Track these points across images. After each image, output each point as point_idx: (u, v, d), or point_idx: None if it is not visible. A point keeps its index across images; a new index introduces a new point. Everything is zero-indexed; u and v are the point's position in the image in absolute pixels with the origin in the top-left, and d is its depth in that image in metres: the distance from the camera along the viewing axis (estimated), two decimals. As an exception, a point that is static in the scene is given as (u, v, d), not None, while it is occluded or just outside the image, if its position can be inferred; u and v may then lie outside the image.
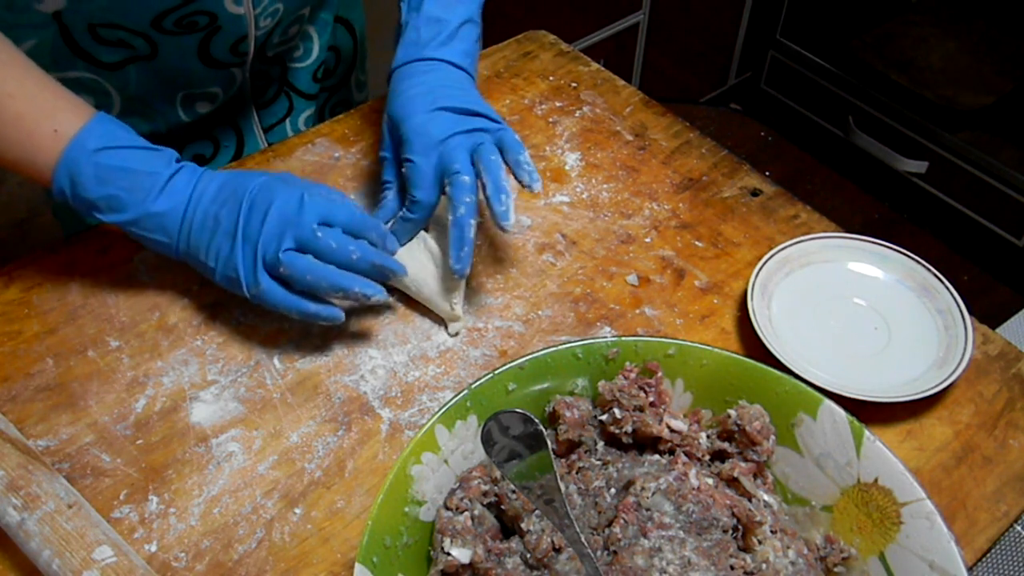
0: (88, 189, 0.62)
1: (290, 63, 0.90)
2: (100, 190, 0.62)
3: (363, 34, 0.98)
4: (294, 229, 0.62)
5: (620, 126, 0.88)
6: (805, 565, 0.51)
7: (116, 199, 0.63)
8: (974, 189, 1.88)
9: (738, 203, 0.81)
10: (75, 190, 0.62)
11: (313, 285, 0.63)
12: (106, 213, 0.63)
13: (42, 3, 0.67)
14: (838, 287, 0.72)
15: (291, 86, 0.91)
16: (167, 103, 0.80)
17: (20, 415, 0.63)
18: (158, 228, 0.64)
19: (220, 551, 0.57)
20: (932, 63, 1.93)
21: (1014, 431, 0.64)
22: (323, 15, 0.90)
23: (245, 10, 0.74)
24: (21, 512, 0.53)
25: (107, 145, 0.62)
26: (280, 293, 0.63)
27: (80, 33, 0.70)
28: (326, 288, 0.63)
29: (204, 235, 0.64)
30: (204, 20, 0.73)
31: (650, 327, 0.71)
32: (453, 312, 0.69)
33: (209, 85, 0.81)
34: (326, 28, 0.90)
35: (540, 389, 0.57)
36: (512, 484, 0.51)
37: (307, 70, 0.91)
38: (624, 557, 0.49)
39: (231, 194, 0.64)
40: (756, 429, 0.54)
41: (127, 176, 0.63)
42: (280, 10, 0.79)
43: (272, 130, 0.92)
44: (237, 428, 0.63)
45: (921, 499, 0.49)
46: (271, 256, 0.62)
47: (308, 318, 0.64)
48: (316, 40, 0.90)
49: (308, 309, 0.64)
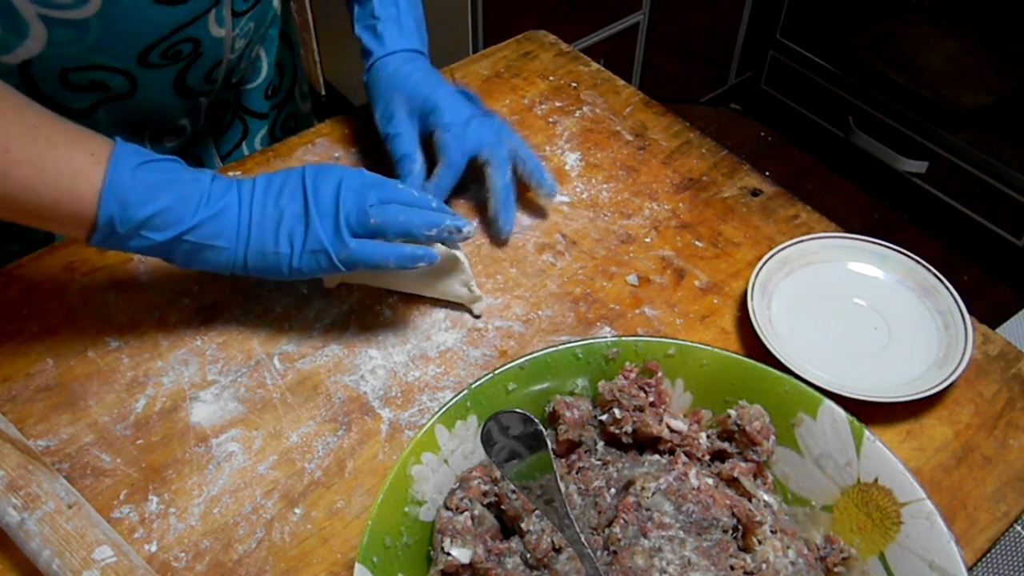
0: (139, 208, 0.59)
1: (243, 86, 0.91)
2: (151, 206, 0.59)
3: (298, 46, 0.99)
4: (374, 189, 0.64)
5: (620, 126, 0.88)
6: (805, 565, 0.51)
7: (169, 212, 0.60)
8: (974, 189, 1.88)
9: (738, 203, 0.81)
10: (125, 212, 0.58)
11: (406, 226, 0.63)
12: (158, 231, 0.60)
13: (10, 54, 0.65)
14: (838, 287, 0.72)
15: (245, 109, 0.92)
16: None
17: (20, 415, 0.63)
18: (216, 233, 0.62)
19: (220, 551, 0.57)
20: (932, 63, 1.93)
21: (1014, 431, 0.64)
22: (271, 31, 0.91)
23: (225, 32, 0.75)
24: (21, 512, 0.53)
25: (145, 160, 0.60)
26: (372, 245, 0.63)
27: (49, 82, 0.68)
28: (419, 226, 0.63)
29: (268, 227, 0.63)
30: (188, 48, 0.73)
31: (650, 327, 0.71)
32: (473, 295, 0.70)
33: (179, 118, 0.81)
34: (273, 45, 0.91)
35: (540, 389, 0.57)
36: (512, 484, 0.51)
37: (259, 90, 0.92)
38: (624, 557, 0.49)
39: (283, 185, 0.64)
40: (756, 429, 0.54)
41: (174, 187, 0.60)
42: (251, 29, 0.80)
43: (229, 156, 0.93)
44: (237, 428, 0.63)
45: (921, 499, 0.49)
46: (357, 215, 0.62)
47: (405, 262, 0.63)
48: (264, 58, 0.91)
49: (404, 251, 0.63)
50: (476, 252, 0.76)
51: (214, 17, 0.72)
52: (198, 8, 0.70)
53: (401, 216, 0.63)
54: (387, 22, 0.79)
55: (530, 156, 0.77)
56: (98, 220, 0.59)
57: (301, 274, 0.64)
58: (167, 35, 0.69)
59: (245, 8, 0.76)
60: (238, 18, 0.76)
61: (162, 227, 0.60)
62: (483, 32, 1.69)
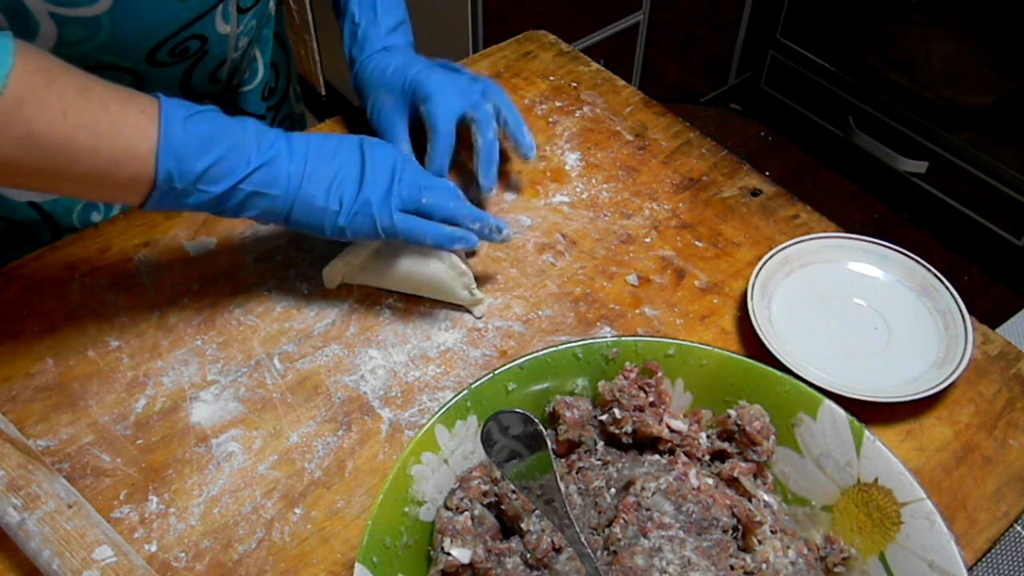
0: (196, 160, 0.58)
1: (241, 88, 0.91)
2: (207, 158, 0.59)
3: (291, 47, 0.99)
4: (423, 175, 0.67)
5: (620, 126, 0.88)
6: (805, 565, 0.51)
7: (223, 162, 0.60)
8: (974, 189, 1.88)
9: (738, 203, 0.81)
10: (183, 165, 0.58)
11: (453, 213, 0.67)
12: (215, 183, 0.60)
13: None
14: (838, 287, 0.72)
15: (243, 111, 0.92)
16: None
17: (20, 415, 0.63)
18: (270, 181, 0.62)
19: (220, 551, 0.57)
20: (932, 63, 1.93)
21: (1014, 431, 0.64)
22: (265, 32, 0.91)
23: (231, 29, 0.75)
24: (21, 512, 0.53)
25: (192, 112, 0.60)
26: (415, 220, 0.65)
27: None
28: (464, 217, 0.67)
29: (320, 182, 0.63)
30: (196, 45, 0.73)
31: (650, 327, 0.71)
32: (474, 297, 0.70)
33: None
34: (268, 46, 0.92)
35: (540, 389, 0.57)
36: (512, 484, 0.51)
37: (255, 91, 0.92)
38: (624, 557, 0.49)
39: (339, 146, 0.65)
40: (756, 429, 0.54)
41: (225, 136, 0.60)
42: (253, 26, 0.80)
43: None
44: (237, 428, 0.63)
45: (921, 499, 0.49)
46: (409, 191, 0.65)
47: (444, 241, 0.66)
48: (260, 59, 0.91)
49: (444, 232, 0.66)
50: (476, 252, 0.76)
51: (221, 13, 0.73)
52: (207, 2, 0.70)
53: (451, 203, 0.67)
54: (366, 26, 0.80)
55: (512, 114, 0.77)
56: (157, 178, 0.58)
57: (343, 234, 0.65)
58: (176, 31, 0.70)
59: (249, 4, 0.77)
60: (242, 14, 0.77)
61: (219, 178, 0.60)
62: (483, 32, 1.69)
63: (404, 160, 0.67)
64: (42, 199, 0.78)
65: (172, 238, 0.76)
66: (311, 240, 0.75)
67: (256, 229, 0.77)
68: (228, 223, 0.77)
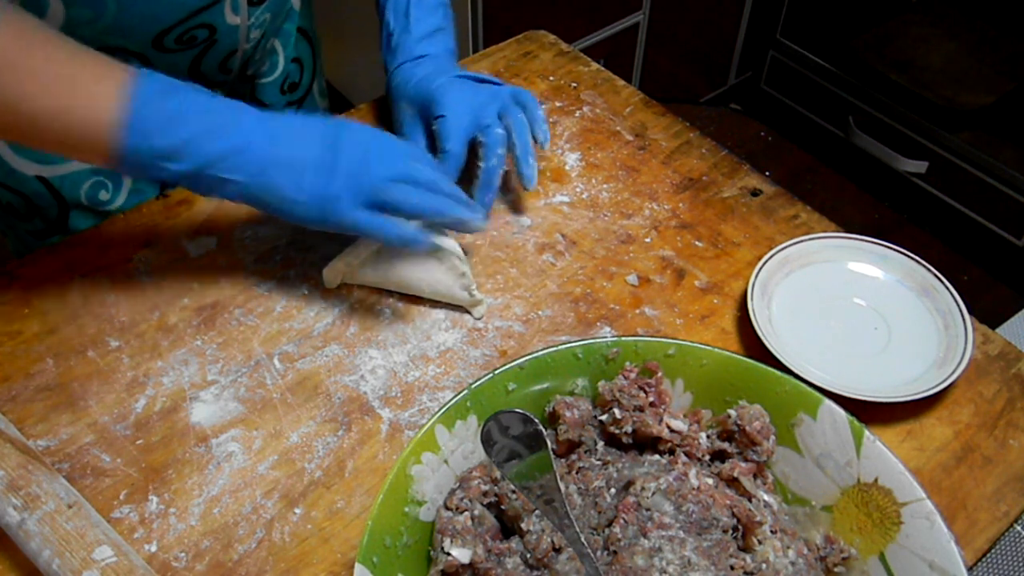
0: (160, 136, 0.59)
1: (258, 79, 0.91)
2: (173, 136, 0.59)
3: (319, 43, 0.99)
4: (400, 161, 0.64)
5: (620, 126, 0.88)
6: (805, 565, 0.51)
7: (189, 143, 0.59)
8: (974, 189, 1.88)
9: (738, 203, 0.81)
10: (147, 140, 0.58)
11: (418, 208, 0.64)
12: (177, 161, 0.59)
13: None
14: (838, 287, 0.72)
15: (260, 102, 0.92)
16: None
17: (20, 415, 0.63)
18: (234, 167, 0.61)
19: (220, 551, 0.57)
20: (932, 63, 1.93)
21: (1014, 431, 0.64)
22: (287, 26, 0.91)
23: (241, 20, 0.75)
24: (21, 512, 0.53)
25: (167, 89, 0.60)
26: (369, 217, 0.63)
27: None
28: (430, 212, 0.65)
29: (287, 172, 0.62)
30: (203, 34, 0.73)
31: (650, 327, 0.71)
32: (474, 299, 0.70)
33: None
34: (289, 40, 0.92)
35: (540, 389, 0.57)
36: (512, 484, 0.51)
37: (274, 84, 0.92)
38: (624, 557, 0.49)
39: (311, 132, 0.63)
40: (756, 429, 0.54)
41: (195, 118, 0.60)
42: (267, 20, 0.80)
43: None
44: (237, 428, 0.63)
45: (921, 499, 0.49)
46: (375, 185, 0.63)
47: (394, 242, 0.65)
48: (281, 53, 0.91)
49: (394, 231, 0.64)
50: (476, 252, 0.76)
51: (230, 4, 0.73)
52: None
53: (415, 198, 0.64)
54: (399, 35, 0.79)
55: (522, 141, 0.75)
56: (122, 151, 0.59)
57: (303, 223, 0.64)
58: (183, 19, 0.70)
59: None
60: (254, 7, 0.77)
61: (181, 157, 0.60)
62: (483, 32, 1.69)
63: (382, 144, 0.65)
64: (50, 175, 0.79)
65: (172, 238, 0.76)
66: (311, 240, 0.75)
67: (256, 229, 0.77)
68: (228, 223, 0.77)
